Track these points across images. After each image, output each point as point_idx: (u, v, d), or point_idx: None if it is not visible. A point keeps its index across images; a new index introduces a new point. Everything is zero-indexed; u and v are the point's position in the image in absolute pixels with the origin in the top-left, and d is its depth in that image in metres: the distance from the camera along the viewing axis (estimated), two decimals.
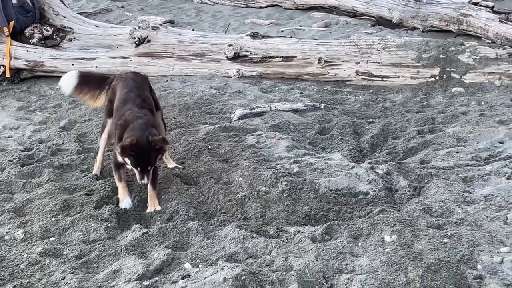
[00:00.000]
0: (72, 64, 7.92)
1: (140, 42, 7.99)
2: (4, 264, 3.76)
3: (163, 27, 8.39)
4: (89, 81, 5.29)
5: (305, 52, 7.79)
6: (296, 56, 7.80)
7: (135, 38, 7.98)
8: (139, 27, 8.12)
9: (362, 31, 10.31)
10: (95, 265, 3.75)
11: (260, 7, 12.83)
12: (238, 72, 7.85)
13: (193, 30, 9.72)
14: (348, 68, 7.66)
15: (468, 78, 7.16)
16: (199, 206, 4.44)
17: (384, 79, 7.54)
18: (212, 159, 5.19)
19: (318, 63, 7.71)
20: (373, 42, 7.76)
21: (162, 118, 5.12)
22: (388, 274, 3.38)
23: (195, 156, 5.32)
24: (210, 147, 5.47)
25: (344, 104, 6.87)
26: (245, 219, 4.26)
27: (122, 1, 13.94)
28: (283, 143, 5.49)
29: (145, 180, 4.35)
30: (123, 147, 4.27)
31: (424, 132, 5.85)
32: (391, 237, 3.76)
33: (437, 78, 7.31)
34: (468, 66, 7.20)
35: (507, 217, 3.93)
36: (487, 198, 4.29)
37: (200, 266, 3.63)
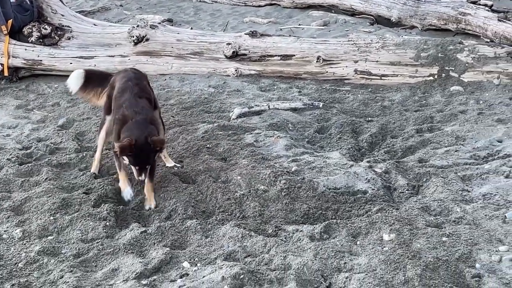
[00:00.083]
0: (71, 63, 7.91)
1: (139, 40, 7.98)
2: (2, 263, 3.76)
3: (162, 25, 8.37)
4: (93, 79, 5.34)
5: (303, 51, 7.78)
6: (294, 55, 7.79)
7: (133, 37, 7.97)
8: (138, 26, 8.10)
9: (361, 29, 10.31)
10: (93, 263, 3.75)
11: (259, 6, 12.82)
12: (236, 70, 7.84)
13: (191, 29, 9.71)
14: (346, 66, 7.66)
15: (467, 77, 7.16)
16: (197, 205, 4.44)
17: (383, 77, 7.53)
18: (211, 158, 5.19)
19: (317, 61, 7.70)
20: (371, 41, 7.76)
21: (160, 116, 5.12)
22: (386, 273, 3.38)
23: (194, 154, 5.32)
24: (208, 145, 5.46)
25: (343, 102, 6.86)
26: (243, 217, 4.26)
27: None
28: (281, 142, 5.49)
29: (142, 177, 4.40)
30: (121, 148, 4.28)
31: (422, 130, 5.85)
32: (389, 235, 3.76)
33: (435, 77, 7.30)
34: (466, 65, 7.20)
35: (505, 215, 3.94)
36: (486, 196, 4.29)
37: (198, 264, 3.63)
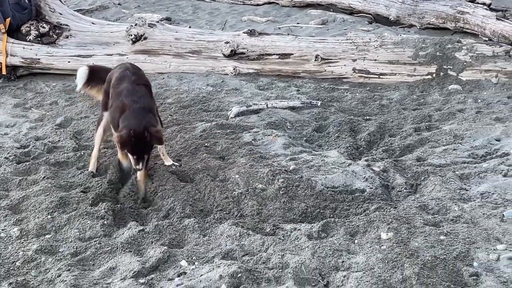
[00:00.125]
0: (69, 61, 7.91)
1: (137, 39, 7.98)
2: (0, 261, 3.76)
3: (160, 24, 8.37)
4: (96, 75, 5.41)
5: (302, 50, 7.78)
6: (293, 54, 7.79)
7: (131, 35, 7.96)
8: (136, 24, 8.10)
9: (359, 28, 10.30)
10: (91, 262, 3.74)
11: (257, 5, 12.82)
12: (234, 69, 7.84)
13: (190, 27, 9.70)
14: (345, 65, 7.65)
15: (465, 75, 7.16)
16: (195, 204, 4.43)
17: (381, 76, 7.53)
18: (209, 157, 5.18)
19: (315, 60, 7.70)
20: (370, 40, 7.76)
21: (158, 115, 5.13)
22: (384, 272, 3.38)
23: (192, 153, 5.31)
24: (206, 144, 5.46)
25: (341, 101, 6.86)
26: (241, 216, 4.26)
27: None
28: (279, 141, 5.49)
29: (140, 166, 4.46)
30: (120, 138, 4.34)
31: (420, 129, 5.85)
32: (387, 234, 3.77)
33: (433, 75, 7.30)
34: (465, 63, 7.20)
35: (503, 214, 3.94)
36: (484, 195, 4.30)
37: (196, 263, 3.63)
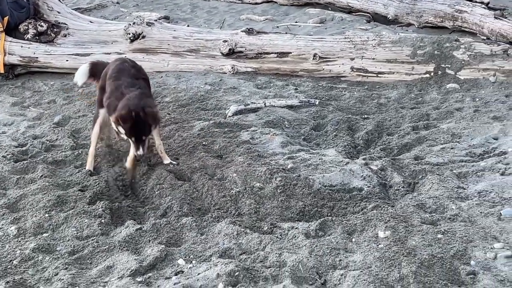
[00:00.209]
0: (67, 60, 7.91)
1: (135, 38, 7.97)
2: None
3: (158, 23, 8.36)
4: (97, 71, 5.44)
5: (300, 48, 7.77)
6: (291, 52, 7.78)
7: (129, 34, 7.96)
8: (134, 23, 8.10)
9: (357, 27, 10.31)
10: (88, 261, 3.74)
11: (256, 3, 12.82)
12: (233, 68, 7.83)
13: (188, 26, 9.69)
14: (343, 64, 7.65)
15: (463, 74, 7.16)
16: (193, 202, 4.43)
17: (379, 75, 7.53)
18: (206, 155, 5.18)
19: (313, 59, 7.69)
20: (368, 38, 7.76)
21: None
22: (381, 270, 3.38)
23: (189, 152, 5.31)
24: (204, 143, 5.46)
25: (339, 100, 6.86)
26: (239, 215, 4.26)
27: None
28: (277, 139, 5.49)
29: (140, 151, 4.40)
30: (118, 116, 4.31)
31: (418, 128, 5.85)
32: (385, 233, 3.77)
33: (432, 74, 7.30)
34: (463, 62, 7.20)
35: (500, 213, 3.94)
36: (481, 194, 4.30)
37: (193, 262, 3.63)
